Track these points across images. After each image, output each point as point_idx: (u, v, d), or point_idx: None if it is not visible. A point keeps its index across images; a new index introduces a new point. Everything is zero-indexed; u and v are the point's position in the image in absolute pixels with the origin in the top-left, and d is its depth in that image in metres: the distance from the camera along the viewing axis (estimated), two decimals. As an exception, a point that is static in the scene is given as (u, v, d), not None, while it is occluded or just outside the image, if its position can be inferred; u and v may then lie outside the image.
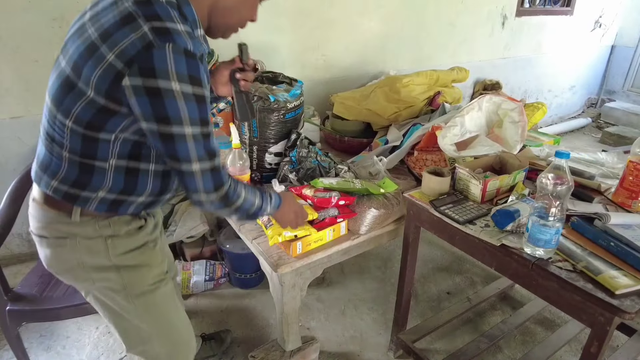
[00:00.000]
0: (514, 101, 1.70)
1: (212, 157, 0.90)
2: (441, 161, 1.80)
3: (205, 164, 0.89)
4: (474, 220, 1.30)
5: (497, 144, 1.61)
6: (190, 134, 0.84)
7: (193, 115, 0.83)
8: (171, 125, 0.82)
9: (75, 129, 0.87)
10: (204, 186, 0.91)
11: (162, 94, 0.79)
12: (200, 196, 0.92)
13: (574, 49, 4.43)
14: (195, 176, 0.89)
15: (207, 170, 0.90)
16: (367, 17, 2.72)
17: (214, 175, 0.91)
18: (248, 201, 1.03)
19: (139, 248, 1.04)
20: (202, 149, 0.88)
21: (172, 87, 0.79)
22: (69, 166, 0.91)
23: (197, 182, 0.90)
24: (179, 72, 0.79)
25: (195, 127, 0.84)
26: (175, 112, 0.81)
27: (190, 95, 0.82)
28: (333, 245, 1.47)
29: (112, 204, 0.96)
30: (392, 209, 1.53)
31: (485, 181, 1.36)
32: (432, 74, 2.14)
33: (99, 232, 0.97)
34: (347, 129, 2.23)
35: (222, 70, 1.19)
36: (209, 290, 2.18)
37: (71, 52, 0.86)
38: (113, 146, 0.89)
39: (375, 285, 2.25)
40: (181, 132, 0.83)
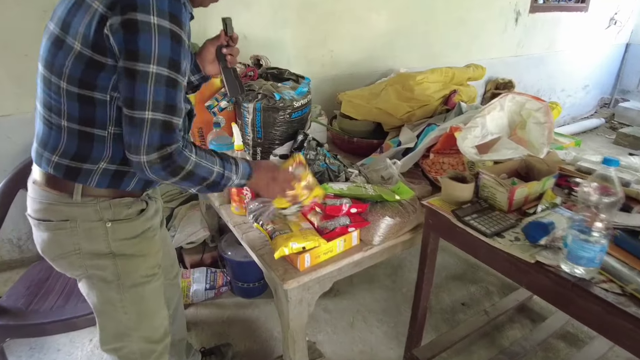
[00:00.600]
0: (538, 100, 1.57)
1: (170, 110, 0.84)
2: (459, 164, 1.67)
3: (158, 114, 0.82)
4: (502, 232, 1.17)
5: (521, 147, 1.48)
6: (154, 73, 0.80)
7: (164, 51, 0.80)
8: (138, 60, 0.78)
9: (70, 89, 0.85)
10: (148, 141, 0.83)
11: (138, 27, 0.77)
12: (140, 154, 0.83)
13: (588, 47, 4.29)
14: (143, 126, 0.82)
15: (157, 123, 0.83)
16: (376, 11, 2.59)
17: (163, 131, 0.84)
18: (202, 167, 0.92)
19: (139, 236, 1.02)
20: (162, 96, 0.82)
21: (150, 19, 0.77)
22: (69, 137, 0.89)
23: (141, 134, 0.82)
24: (159, 8, 0.78)
25: (161, 67, 0.80)
26: (145, 46, 0.78)
27: (166, 30, 0.79)
28: (344, 257, 1.35)
29: (114, 176, 0.94)
30: (408, 218, 1.40)
31: (512, 188, 1.24)
32: (447, 71, 2.01)
33: (100, 215, 0.95)
34: (356, 129, 2.10)
35: (208, 47, 1.18)
36: (209, 300, 2.06)
37: (59, 13, 0.86)
38: (110, 109, 0.87)
39: (385, 295, 2.13)
40: (145, 69, 0.79)
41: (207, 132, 1.71)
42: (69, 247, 0.96)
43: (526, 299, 2.00)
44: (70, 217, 0.94)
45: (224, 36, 1.15)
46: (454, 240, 1.28)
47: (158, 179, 0.89)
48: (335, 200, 1.35)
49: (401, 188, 1.44)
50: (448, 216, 1.26)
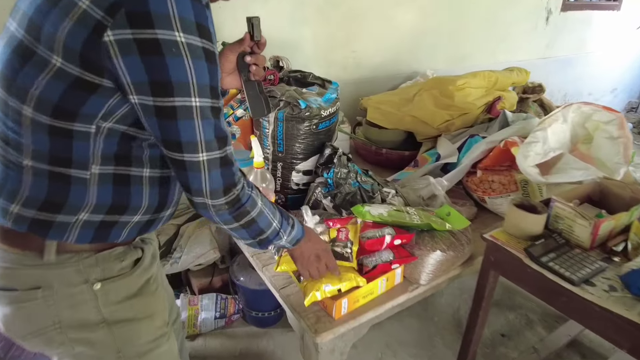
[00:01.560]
0: (610, 111, 1.34)
1: (224, 143, 0.70)
2: (511, 184, 1.44)
3: (214, 153, 0.68)
4: (591, 278, 0.95)
5: (592, 167, 1.25)
6: (198, 108, 0.64)
7: (202, 79, 0.63)
8: (173, 94, 0.61)
9: (38, 119, 0.62)
10: (211, 185, 0.70)
11: (162, 50, 0.58)
12: (206, 199, 0.71)
13: (619, 48, 4.04)
14: (202, 170, 0.68)
15: (216, 162, 0.69)
16: (403, 10, 2.36)
17: (224, 170, 0.71)
18: (264, 218, 0.80)
19: (137, 293, 0.80)
20: (212, 131, 0.67)
21: (176, 37, 0.59)
22: (34, 180, 0.66)
23: (202, 178, 0.69)
24: (183, 18, 0.59)
25: (204, 99, 0.64)
26: (179, 74, 0.60)
27: (200, 51, 0.62)
28: (386, 300, 1.12)
29: (100, 228, 0.71)
30: (462, 251, 1.18)
31: (597, 222, 1.01)
32: (490, 75, 1.78)
33: (84, 276, 0.72)
34: (385, 139, 1.87)
35: (227, 55, 0.93)
36: (219, 329, 1.84)
37: (24, 8, 0.63)
38: (95, 144, 0.65)
39: (417, 325, 1.90)
40: (187, 104, 0.63)
41: (220, 145, 1.49)
42: (44, 321, 0.72)
43: (578, 333, 1.77)
44: (42, 284, 0.70)
45: (248, 41, 0.91)
46: (523, 284, 1.06)
47: (222, 223, 0.77)
48: (375, 231, 1.13)
49: (453, 215, 1.21)
50: (518, 254, 1.03)
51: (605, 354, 1.72)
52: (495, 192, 1.45)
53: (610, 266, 0.99)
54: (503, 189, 1.45)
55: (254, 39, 0.91)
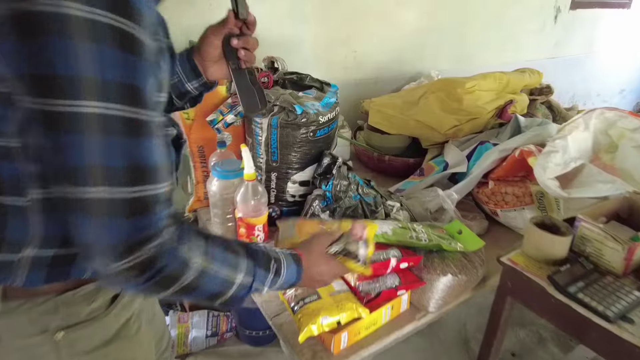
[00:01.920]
0: (637, 117, 1.22)
1: (140, 176, 0.48)
2: (525, 196, 1.32)
3: (120, 190, 0.46)
4: (627, 313, 0.83)
5: (619, 180, 1.13)
6: (99, 117, 0.43)
7: (110, 75, 0.43)
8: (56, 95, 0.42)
9: None
10: (106, 239, 0.47)
11: (48, 27, 0.40)
12: (95, 259, 0.49)
13: (628, 48, 3.92)
14: (90, 215, 0.46)
15: (120, 206, 0.47)
16: (406, 7, 2.24)
17: (135, 221, 0.48)
18: (212, 278, 0.56)
19: (114, 339, 0.66)
20: (122, 156, 0.46)
21: (68, 10, 0.40)
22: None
23: (90, 228, 0.47)
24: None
25: (112, 104, 0.44)
26: (67, 65, 0.41)
27: (108, 32, 0.42)
28: (391, 330, 1.00)
29: (54, 266, 0.57)
30: (475, 274, 1.06)
31: (632, 246, 0.89)
32: (501, 77, 1.66)
33: (41, 324, 0.58)
34: (388, 145, 1.75)
35: (210, 39, 0.77)
36: (211, 348, 1.72)
37: None
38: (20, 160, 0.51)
39: (421, 343, 1.79)
40: (76, 111, 0.42)
41: (209, 153, 1.37)
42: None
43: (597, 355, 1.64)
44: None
45: (233, 20, 0.76)
46: (546, 315, 0.94)
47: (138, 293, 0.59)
48: (379, 253, 1.00)
49: (465, 234, 1.09)
50: (540, 282, 0.91)
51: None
52: (508, 205, 1.34)
53: (650, 298, 0.87)
54: (517, 202, 1.33)
55: (239, 17, 0.76)
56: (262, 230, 1.19)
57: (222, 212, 1.26)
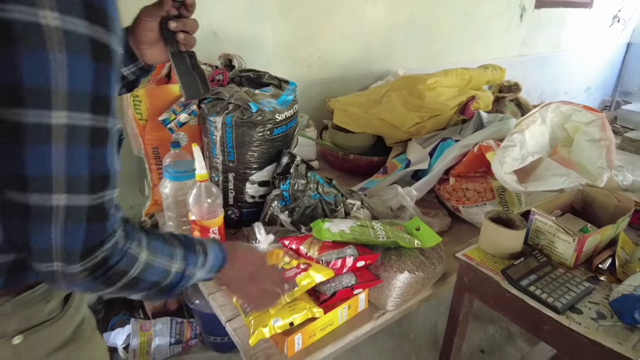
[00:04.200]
0: (591, 111, 1.23)
1: (102, 185, 0.49)
2: (487, 191, 1.32)
3: (81, 197, 0.47)
4: (576, 304, 0.82)
5: (574, 173, 1.14)
6: (66, 127, 0.44)
7: (80, 85, 0.43)
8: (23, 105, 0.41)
9: None
10: (65, 244, 0.48)
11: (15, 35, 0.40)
12: (51, 261, 0.48)
13: (592, 46, 4.02)
14: (53, 220, 0.46)
15: (80, 213, 0.48)
16: (371, 3, 2.23)
17: (92, 227, 0.49)
18: (153, 269, 0.58)
19: (71, 339, 0.65)
20: (86, 164, 0.47)
21: (38, 19, 0.40)
22: None
23: (50, 234, 0.47)
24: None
25: (80, 113, 0.44)
26: (37, 75, 0.41)
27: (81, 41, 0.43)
28: (349, 330, 0.98)
29: (12, 272, 0.55)
30: (433, 271, 1.04)
31: (582, 238, 0.89)
32: (463, 74, 1.66)
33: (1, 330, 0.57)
34: (353, 144, 1.73)
35: (144, 22, 0.73)
36: (175, 356, 1.67)
37: None
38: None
39: (392, 344, 1.77)
40: (45, 121, 0.42)
41: (163, 154, 1.33)
42: None
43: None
44: None
45: (170, 2, 0.72)
46: (501, 310, 0.93)
47: (87, 291, 0.56)
48: (335, 253, 0.98)
49: (423, 231, 1.08)
50: (495, 277, 0.90)
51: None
52: (470, 201, 1.33)
53: (597, 287, 0.87)
54: (478, 197, 1.32)
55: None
56: (218, 232, 1.15)
57: (177, 215, 1.21)
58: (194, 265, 0.64)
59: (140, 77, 0.82)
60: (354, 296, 0.98)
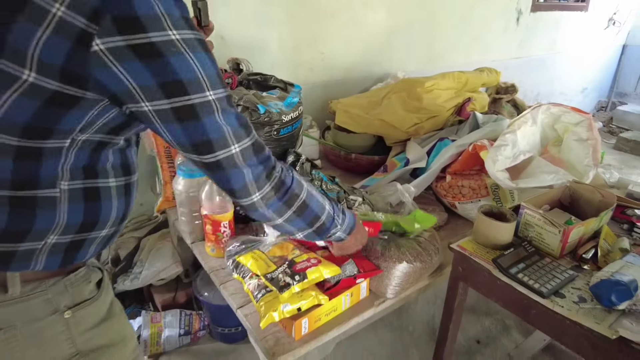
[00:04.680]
0: (579, 112, 1.31)
1: (250, 129, 0.67)
2: (481, 188, 1.39)
3: (245, 141, 0.65)
4: (560, 289, 0.90)
5: (562, 170, 1.21)
6: (215, 100, 0.61)
7: (209, 70, 0.60)
8: (188, 92, 0.57)
9: (3, 141, 0.54)
10: (252, 175, 0.67)
11: (162, 51, 0.54)
12: (251, 194, 0.68)
13: (588, 48, 4.10)
14: (238, 164, 0.65)
15: (249, 150, 0.65)
16: (372, 8, 2.31)
17: (260, 156, 0.67)
18: (314, 200, 0.78)
19: (107, 317, 0.73)
20: (235, 120, 0.64)
21: (170, 37, 0.55)
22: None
23: (241, 172, 0.65)
24: (171, 15, 0.55)
25: (218, 90, 0.61)
26: (187, 71, 0.57)
27: (195, 43, 0.58)
28: (351, 316, 1.05)
29: (68, 250, 0.64)
30: (430, 261, 1.12)
31: (567, 229, 0.96)
32: (459, 76, 1.74)
33: (54, 305, 0.64)
34: (354, 144, 1.81)
35: None
36: (184, 346, 1.74)
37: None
38: (65, 157, 0.59)
39: (391, 336, 1.84)
40: (204, 100, 0.59)
41: (175, 154, 1.40)
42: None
43: (553, 338, 1.73)
44: (3, 324, 0.61)
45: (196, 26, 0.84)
46: (493, 296, 1.00)
47: (274, 215, 0.73)
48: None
49: (419, 215, 1.15)
50: (486, 266, 0.98)
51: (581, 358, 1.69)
52: (465, 197, 1.41)
53: (580, 275, 0.94)
54: (473, 194, 1.40)
55: (202, 24, 0.86)
56: (228, 226, 1.22)
57: (189, 210, 1.29)
58: (337, 214, 0.82)
59: None
60: (356, 285, 1.06)
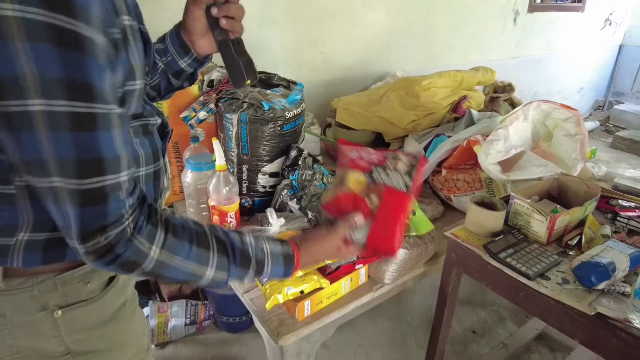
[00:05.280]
0: (568, 109, 1.37)
1: (94, 168, 0.50)
2: (475, 182, 1.46)
3: (70, 181, 0.49)
4: (546, 272, 0.96)
5: (551, 164, 1.27)
6: (42, 114, 0.45)
7: (49, 72, 0.44)
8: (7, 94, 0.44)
9: None
10: (71, 222, 0.51)
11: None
12: (71, 237, 0.53)
13: (584, 48, 4.17)
14: (53, 200, 0.50)
15: (72, 195, 0.49)
16: (372, 9, 2.38)
17: (86, 210, 0.51)
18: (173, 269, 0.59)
19: (111, 319, 0.68)
20: (72, 149, 0.47)
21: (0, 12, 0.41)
22: None
23: (58, 211, 0.51)
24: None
25: (54, 100, 0.45)
26: (8, 65, 0.43)
27: (42, 29, 0.43)
28: (351, 300, 1.12)
29: (48, 249, 0.58)
30: (425, 249, 1.18)
31: (553, 217, 1.03)
32: (455, 75, 1.80)
33: (41, 302, 0.61)
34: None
35: (192, 10, 0.74)
36: (190, 336, 1.81)
37: None
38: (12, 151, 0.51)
39: (389, 325, 1.91)
40: (20, 109, 0.45)
41: (183, 148, 1.47)
42: None
43: (546, 326, 1.80)
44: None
45: None
46: (484, 280, 1.07)
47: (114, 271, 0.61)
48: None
49: (419, 217, 1.21)
50: (478, 252, 1.04)
51: (572, 346, 1.75)
52: (460, 191, 1.47)
53: (565, 260, 1.01)
54: (468, 187, 1.46)
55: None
56: (234, 217, 1.29)
57: (197, 202, 1.35)
58: (238, 277, 0.65)
59: (197, 69, 0.84)
60: (355, 270, 1.12)
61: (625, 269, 0.90)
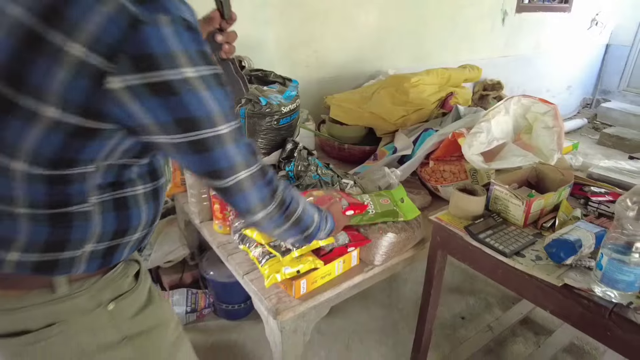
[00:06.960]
0: (546, 103, 1.46)
1: (255, 153, 0.70)
2: (461, 172, 1.55)
3: (253, 167, 0.68)
4: (521, 250, 1.05)
5: (530, 154, 1.37)
6: (228, 134, 0.64)
7: (223, 105, 0.62)
8: (201, 128, 0.61)
9: (34, 172, 0.59)
10: (258, 197, 0.71)
11: (177, 89, 0.56)
12: (257, 212, 0.72)
13: (572, 48, 4.28)
14: (245, 188, 0.69)
15: (256, 175, 0.69)
16: (364, 9, 2.46)
17: (266, 179, 0.71)
18: (307, 213, 0.84)
19: (147, 303, 0.80)
20: (245, 149, 0.67)
21: (186, 74, 0.57)
22: (32, 225, 0.63)
23: (251, 195, 0.70)
24: (187, 51, 0.56)
25: (230, 123, 0.64)
26: (202, 108, 0.60)
27: (211, 78, 0.60)
28: (343, 280, 1.20)
29: (106, 256, 0.71)
30: (412, 233, 1.27)
31: (529, 201, 1.12)
32: (443, 73, 1.89)
33: (98, 299, 0.72)
34: (347, 135, 1.96)
35: None
36: (191, 323, 1.88)
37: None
38: (92, 179, 0.63)
39: (381, 312, 1.99)
40: (215, 134, 0.62)
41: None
42: (67, 355, 0.71)
43: (530, 311, 1.89)
44: (56, 319, 0.68)
45: (219, 19, 0.85)
46: (466, 260, 1.16)
47: (274, 229, 0.78)
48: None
49: (406, 203, 1.30)
50: (460, 233, 1.13)
51: (554, 329, 1.85)
52: (447, 181, 1.56)
53: (539, 240, 1.09)
54: (454, 178, 1.55)
55: (225, 17, 0.86)
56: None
57: (198, 192, 1.43)
58: (323, 224, 0.90)
59: None
60: (347, 253, 1.21)
61: (591, 246, 0.99)
